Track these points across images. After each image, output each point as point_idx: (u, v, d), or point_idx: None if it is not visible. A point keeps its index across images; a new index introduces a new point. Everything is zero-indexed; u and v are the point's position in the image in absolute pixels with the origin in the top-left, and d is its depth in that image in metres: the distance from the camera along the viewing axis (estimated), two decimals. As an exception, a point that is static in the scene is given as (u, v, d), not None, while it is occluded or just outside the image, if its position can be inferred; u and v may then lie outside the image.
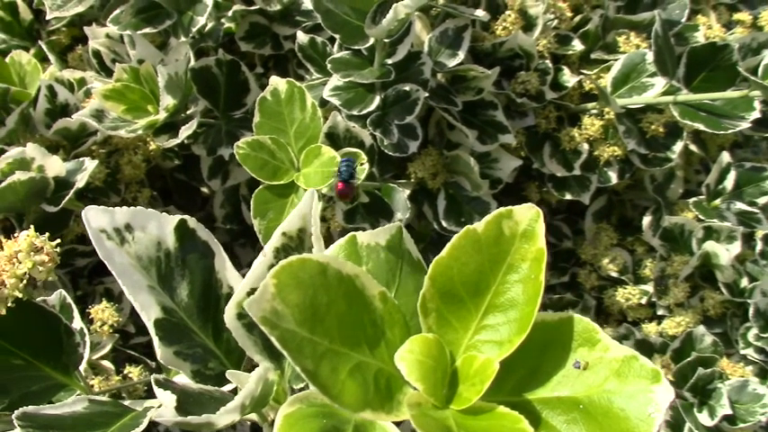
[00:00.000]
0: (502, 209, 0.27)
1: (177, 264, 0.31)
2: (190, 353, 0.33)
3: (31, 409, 0.35)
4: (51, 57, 0.83)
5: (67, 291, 0.72)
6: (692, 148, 0.89)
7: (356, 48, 0.69)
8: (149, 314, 0.30)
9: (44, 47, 0.84)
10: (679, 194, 0.89)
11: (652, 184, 0.87)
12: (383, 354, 0.30)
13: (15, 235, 0.39)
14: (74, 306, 0.48)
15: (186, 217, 0.32)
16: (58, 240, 0.40)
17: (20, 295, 0.35)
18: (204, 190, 0.90)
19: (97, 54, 0.82)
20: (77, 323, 0.45)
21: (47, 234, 0.40)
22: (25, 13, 0.93)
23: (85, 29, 0.83)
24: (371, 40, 0.68)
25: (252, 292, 0.27)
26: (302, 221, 0.31)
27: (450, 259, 0.26)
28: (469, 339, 0.32)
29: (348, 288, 0.27)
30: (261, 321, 0.26)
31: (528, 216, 0.27)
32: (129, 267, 0.30)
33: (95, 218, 0.29)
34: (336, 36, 0.67)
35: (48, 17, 0.68)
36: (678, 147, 0.82)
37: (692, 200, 0.84)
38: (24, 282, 0.36)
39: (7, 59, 0.75)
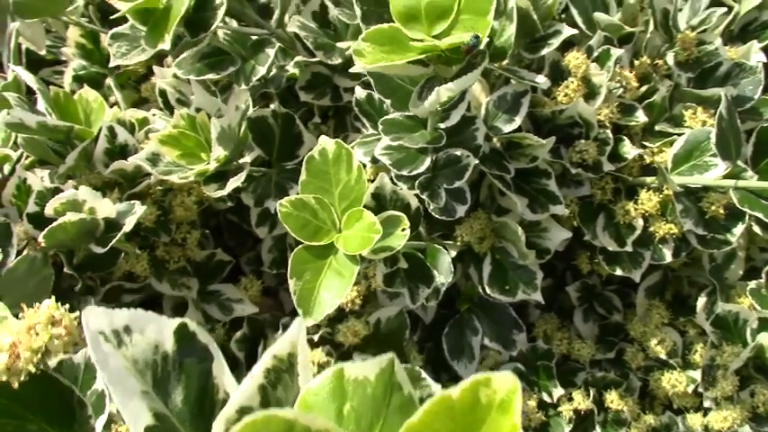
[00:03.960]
0: (480, 376, 0.26)
1: (174, 368, 0.31)
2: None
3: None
4: (118, 94, 0.87)
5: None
6: (756, 229, 0.85)
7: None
8: (138, 423, 0.30)
9: (112, 83, 0.87)
10: (739, 276, 0.85)
11: (710, 264, 0.84)
12: None
13: (38, 305, 0.40)
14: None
15: (186, 320, 0.32)
16: (77, 314, 0.40)
17: (33, 370, 0.36)
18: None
19: (163, 93, 0.85)
20: (100, 384, 0.46)
21: (67, 305, 0.41)
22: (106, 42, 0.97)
23: (154, 68, 0.86)
24: (424, 106, 0.68)
25: (241, 410, 0.27)
26: (291, 347, 0.31)
27: (423, 425, 0.25)
28: None
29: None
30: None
31: (507, 386, 0.26)
32: (123, 372, 0.30)
33: (95, 320, 0.30)
34: (387, 101, 0.67)
35: (110, 64, 0.71)
36: (739, 230, 0.78)
37: (750, 285, 0.80)
38: (40, 355, 0.37)
39: (76, 96, 0.77)
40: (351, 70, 0.57)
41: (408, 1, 0.56)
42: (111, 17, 0.68)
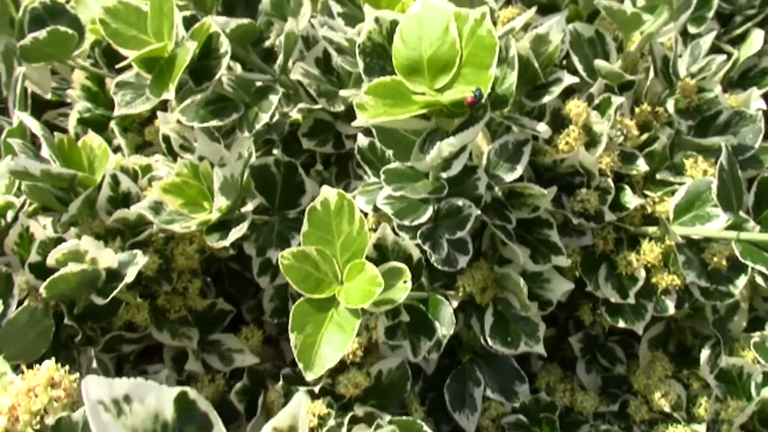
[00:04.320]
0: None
1: (174, 437, 0.31)
2: None
3: None
4: (121, 140, 0.87)
5: (110, 376, 0.74)
6: (759, 280, 0.85)
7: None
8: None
9: (115, 128, 0.87)
10: (742, 328, 0.84)
11: (713, 315, 0.83)
12: None
13: (38, 366, 0.39)
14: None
15: (187, 389, 0.32)
16: (77, 375, 0.40)
17: (31, 433, 0.36)
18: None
19: (166, 139, 0.85)
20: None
21: (67, 367, 0.41)
22: (111, 84, 0.97)
23: (158, 114, 0.87)
24: (426, 157, 0.68)
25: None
26: (292, 420, 0.31)
27: None
28: None
29: None
30: None
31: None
32: (121, 443, 0.29)
33: (95, 390, 0.30)
34: (389, 152, 0.68)
35: (115, 113, 0.71)
36: (742, 282, 0.78)
37: (754, 339, 0.80)
38: (39, 417, 0.36)
39: (80, 143, 0.78)
40: (353, 124, 0.57)
41: (411, 54, 0.57)
42: (118, 66, 0.68)
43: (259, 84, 0.77)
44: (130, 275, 0.68)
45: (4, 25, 0.78)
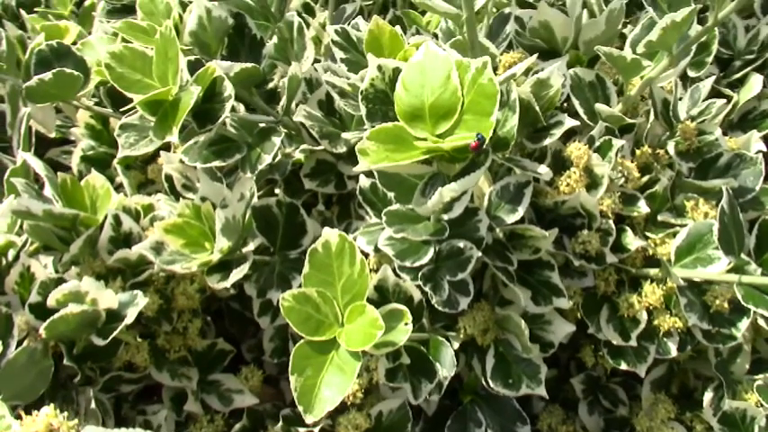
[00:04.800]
0: None
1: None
2: None
3: None
4: (124, 179, 0.87)
5: (108, 417, 0.74)
6: (761, 323, 0.84)
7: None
8: None
9: (118, 167, 0.88)
10: (745, 370, 0.84)
11: (716, 358, 0.83)
12: None
13: (36, 413, 0.39)
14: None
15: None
16: (76, 421, 0.40)
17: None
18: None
19: (169, 178, 0.85)
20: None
21: (65, 413, 0.41)
22: (115, 123, 0.98)
23: (162, 154, 0.87)
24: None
25: None
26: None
27: None
28: None
29: None
30: None
31: None
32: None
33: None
34: (391, 194, 0.68)
35: (118, 156, 0.72)
36: (744, 324, 0.78)
37: (757, 382, 0.79)
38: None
39: (83, 182, 0.78)
40: (355, 169, 0.58)
41: (413, 101, 0.57)
42: (122, 109, 0.69)
43: (262, 125, 0.78)
44: (131, 316, 0.68)
45: (11, 66, 0.79)
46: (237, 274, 0.71)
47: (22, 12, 1.02)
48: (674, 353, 0.79)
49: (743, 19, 1.04)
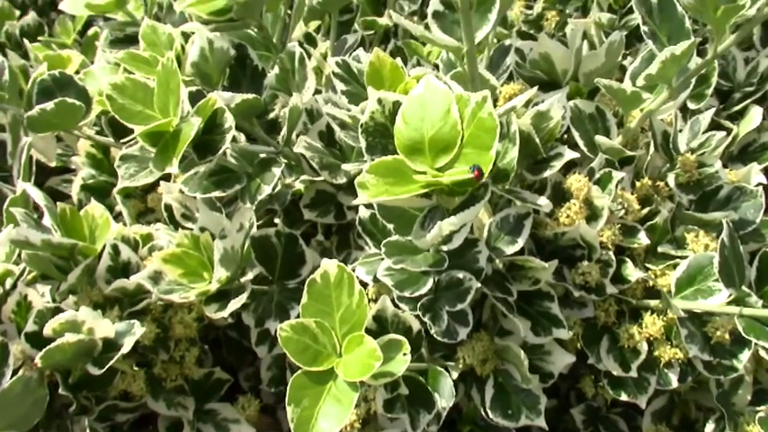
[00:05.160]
0: None
1: None
2: None
3: None
4: (123, 209, 0.87)
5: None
6: (763, 354, 0.84)
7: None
8: None
9: (117, 197, 0.88)
10: (747, 402, 0.83)
11: (717, 389, 0.82)
12: None
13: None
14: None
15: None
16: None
17: None
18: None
19: (168, 208, 0.85)
20: None
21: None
22: (116, 152, 0.98)
23: (162, 183, 0.87)
24: (427, 231, 0.68)
25: None
26: None
27: None
28: None
29: None
30: None
31: None
32: None
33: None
34: (390, 226, 0.68)
35: (118, 186, 0.72)
36: (745, 356, 0.77)
37: (759, 414, 0.78)
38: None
39: (82, 212, 0.78)
40: (354, 202, 0.58)
41: (412, 134, 0.58)
42: (123, 141, 0.69)
43: (262, 155, 0.78)
44: (127, 346, 0.67)
45: (13, 96, 0.80)
46: (235, 304, 0.70)
47: (26, 41, 1.03)
48: (674, 384, 0.79)
49: (742, 51, 1.04)
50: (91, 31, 1.11)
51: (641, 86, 0.77)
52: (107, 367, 0.68)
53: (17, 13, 1.22)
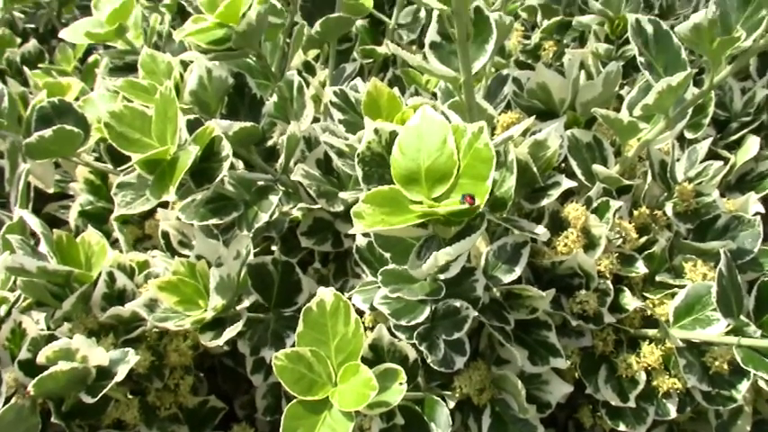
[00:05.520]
0: None
1: None
2: None
3: None
4: (120, 236, 0.87)
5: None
6: (762, 384, 0.83)
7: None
8: None
9: (114, 224, 0.88)
10: (746, 432, 0.83)
11: (717, 419, 0.82)
12: None
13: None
14: None
15: None
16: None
17: None
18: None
19: (165, 235, 0.85)
20: None
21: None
22: (114, 179, 0.98)
23: (159, 211, 0.87)
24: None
25: None
26: None
27: None
28: None
29: None
30: None
31: None
32: None
33: None
34: (387, 255, 0.68)
35: (114, 214, 0.72)
36: (744, 386, 0.77)
37: (758, 445, 0.78)
38: None
39: (78, 239, 0.78)
40: (350, 231, 0.58)
41: (409, 164, 0.58)
42: (120, 168, 0.69)
43: (260, 183, 0.78)
44: (121, 374, 0.67)
45: (12, 123, 0.80)
46: (230, 332, 0.70)
47: (25, 68, 1.04)
48: (673, 414, 0.78)
49: (739, 81, 1.05)
50: (91, 59, 1.12)
51: (638, 116, 0.78)
52: (100, 395, 0.67)
53: (18, 40, 1.23)
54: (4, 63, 1.16)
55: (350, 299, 0.70)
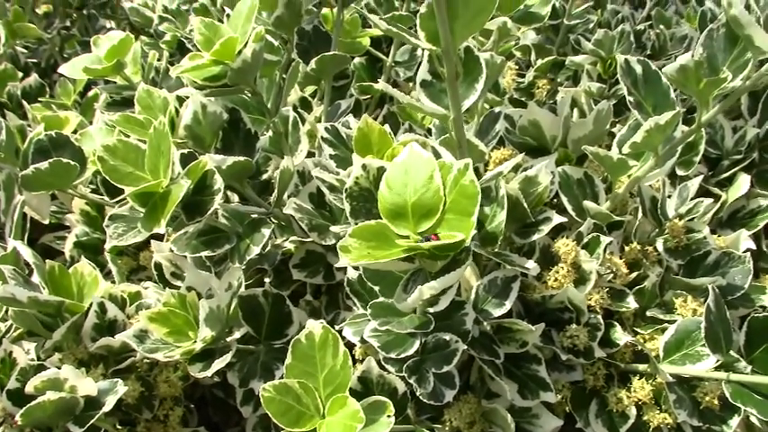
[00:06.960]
0: None
1: None
2: None
3: None
4: (113, 267, 0.88)
5: None
6: (754, 420, 0.83)
7: (396, 300, 0.70)
8: None
9: (108, 256, 0.89)
10: (738, 469, 0.82)
11: (708, 454, 0.81)
12: None
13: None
14: None
15: None
16: None
17: None
18: (242, 408, 0.89)
19: (158, 266, 0.86)
20: None
21: None
22: (109, 210, 0.99)
23: (152, 242, 0.88)
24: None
25: None
26: None
27: None
28: None
29: None
30: None
31: None
32: None
33: None
34: (376, 288, 0.68)
35: (107, 246, 0.72)
36: (735, 422, 0.76)
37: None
38: None
39: (71, 270, 0.78)
40: (337, 265, 0.58)
41: (396, 199, 0.58)
42: (114, 200, 0.70)
43: (253, 216, 0.79)
44: (109, 404, 0.67)
45: (9, 155, 0.81)
46: (219, 363, 0.70)
47: (24, 102, 1.05)
48: (664, 449, 0.78)
49: (731, 120, 1.06)
50: (91, 93, 1.14)
51: (627, 154, 0.79)
52: (88, 426, 0.67)
53: (20, 74, 1.25)
54: (5, 97, 1.18)
55: (341, 331, 0.70)
